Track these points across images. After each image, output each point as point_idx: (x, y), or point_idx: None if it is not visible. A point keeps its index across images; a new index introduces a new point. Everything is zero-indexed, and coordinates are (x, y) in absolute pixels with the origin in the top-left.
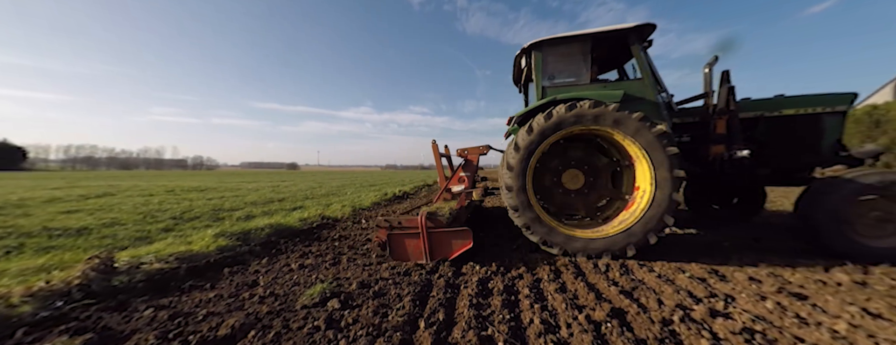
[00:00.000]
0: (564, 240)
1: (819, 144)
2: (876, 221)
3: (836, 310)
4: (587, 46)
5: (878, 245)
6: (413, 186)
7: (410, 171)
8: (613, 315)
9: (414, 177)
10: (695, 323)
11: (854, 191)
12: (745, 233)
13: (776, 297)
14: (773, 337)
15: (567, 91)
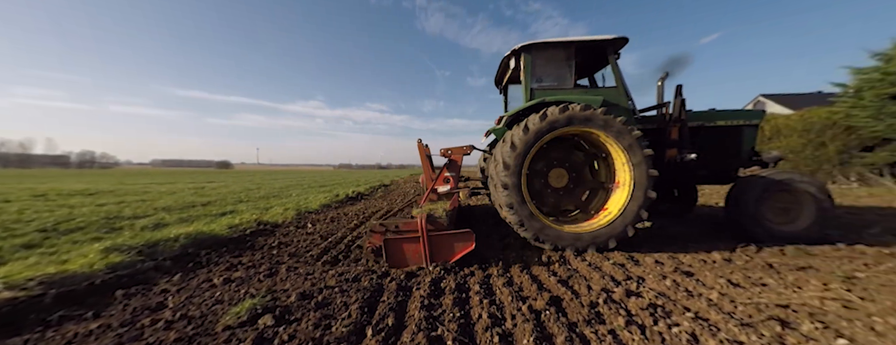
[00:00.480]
0: (556, 236)
1: (741, 150)
2: (780, 210)
3: (711, 282)
4: (571, 52)
5: (782, 229)
6: (368, 187)
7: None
8: (552, 303)
9: (370, 177)
10: (614, 303)
11: (766, 187)
12: (679, 225)
13: (673, 275)
14: (670, 309)
15: (553, 94)
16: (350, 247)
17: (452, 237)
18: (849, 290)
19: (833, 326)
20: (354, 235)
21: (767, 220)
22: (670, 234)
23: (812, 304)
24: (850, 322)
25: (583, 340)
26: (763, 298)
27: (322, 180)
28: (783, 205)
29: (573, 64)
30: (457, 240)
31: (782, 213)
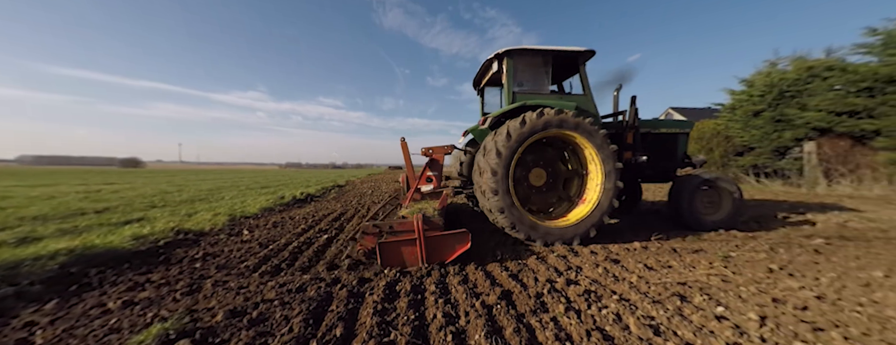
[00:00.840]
0: (545, 232)
1: (677, 154)
2: (708, 203)
3: (632, 267)
4: (548, 60)
5: (709, 219)
6: (320, 188)
7: (319, 170)
8: (503, 297)
9: (322, 177)
10: (557, 292)
11: (698, 185)
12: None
13: (604, 263)
14: (601, 293)
15: (532, 98)
16: (296, 254)
17: (448, 237)
18: (725, 267)
19: (715, 297)
20: (302, 240)
21: (699, 211)
22: (605, 227)
23: (702, 280)
24: (726, 293)
25: (529, 329)
26: (668, 278)
27: (264, 181)
28: (710, 199)
29: (549, 71)
30: (453, 240)
31: (710, 205)
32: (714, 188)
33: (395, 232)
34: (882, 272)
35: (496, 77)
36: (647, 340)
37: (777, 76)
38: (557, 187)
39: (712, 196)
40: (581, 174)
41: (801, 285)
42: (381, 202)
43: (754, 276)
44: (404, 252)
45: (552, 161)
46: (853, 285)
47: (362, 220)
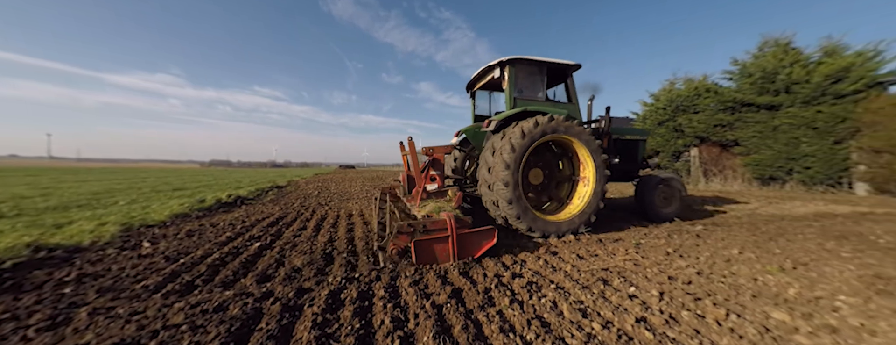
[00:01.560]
0: (544, 225)
1: (639, 157)
2: (664, 199)
3: (567, 258)
4: (544, 70)
5: (665, 212)
6: (255, 189)
7: (255, 169)
8: (453, 295)
9: (258, 177)
10: (503, 286)
11: (657, 183)
12: None
13: (545, 255)
14: (541, 284)
15: (530, 104)
16: (217, 267)
17: (477, 234)
18: (637, 252)
19: (629, 279)
20: (226, 250)
21: (657, 205)
22: None
23: (620, 265)
24: (636, 275)
25: (476, 324)
26: (595, 265)
27: (179, 181)
28: (664, 195)
29: (545, 79)
30: (480, 237)
31: (664, 200)
32: (668, 186)
33: (428, 231)
34: (737, 250)
35: (492, 82)
36: (576, 322)
37: (675, 93)
38: (551, 187)
39: (667, 193)
40: (573, 175)
41: (687, 264)
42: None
43: (656, 259)
44: (437, 249)
45: (549, 163)
46: (720, 261)
47: (306, 224)
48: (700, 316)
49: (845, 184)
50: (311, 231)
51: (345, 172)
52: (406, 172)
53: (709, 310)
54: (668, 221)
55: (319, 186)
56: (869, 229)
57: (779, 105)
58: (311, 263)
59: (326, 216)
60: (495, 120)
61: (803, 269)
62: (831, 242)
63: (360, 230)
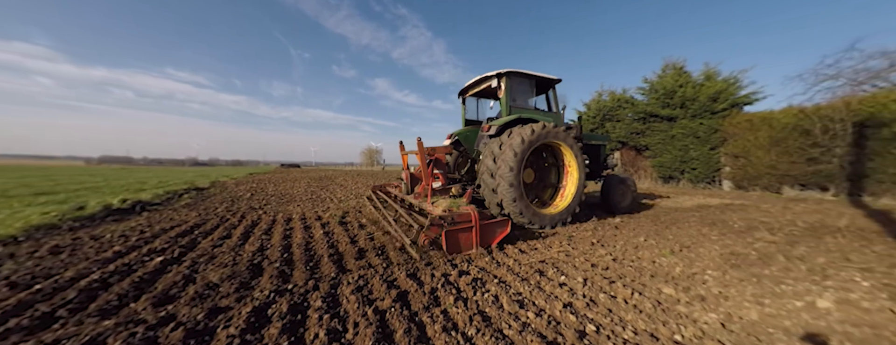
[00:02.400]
0: (541, 218)
1: (601, 159)
2: (621, 195)
3: (511, 252)
4: (533, 82)
5: (623, 205)
6: (162, 192)
7: (168, 167)
8: (398, 299)
9: (171, 177)
10: (450, 285)
11: (618, 182)
12: None
13: (495, 254)
14: (485, 279)
15: (523, 112)
16: (96, 291)
17: (495, 224)
18: (569, 244)
19: (561, 268)
20: (112, 269)
21: (617, 201)
22: None
23: (554, 257)
24: (567, 264)
25: (420, 326)
26: (534, 258)
27: (50, 183)
28: (622, 192)
29: (534, 91)
30: (497, 226)
31: (622, 196)
32: (625, 185)
33: (455, 223)
34: (643, 238)
35: (486, 90)
36: (514, 313)
37: (602, 103)
38: (541, 185)
39: (623, 190)
40: (560, 175)
41: (606, 252)
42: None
43: (583, 249)
44: (462, 239)
45: (539, 164)
46: (630, 248)
47: (232, 231)
48: (613, 297)
49: (717, 182)
50: (236, 239)
51: (287, 171)
52: (408, 170)
53: (619, 291)
54: (625, 213)
55: (253, 188)
56: (729, 217)
57: (676, 117)
58: (233, 276)
59: (259, 222)
60: (495, 125)
61: (686, 251)
62: (706, 229)
63: (300, 235)
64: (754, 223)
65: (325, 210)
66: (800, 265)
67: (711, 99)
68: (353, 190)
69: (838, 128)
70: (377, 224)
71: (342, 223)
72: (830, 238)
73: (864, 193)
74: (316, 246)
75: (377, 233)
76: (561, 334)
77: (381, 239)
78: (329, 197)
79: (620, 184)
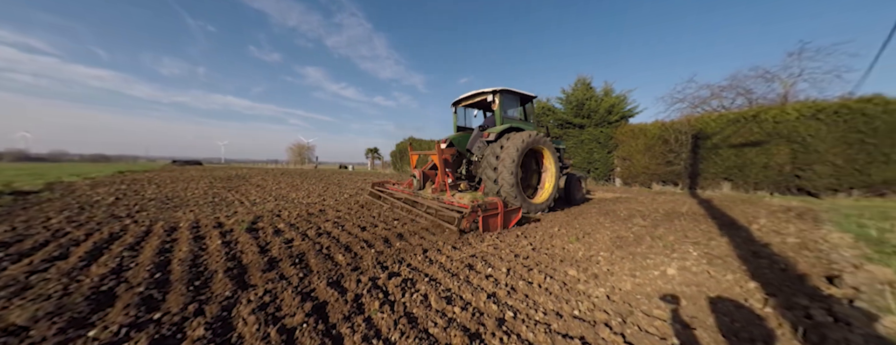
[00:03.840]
0: (530, 206)
1: (563, 160)
2: (577, 189)
3: (444, 250)
4: (518, 98)
5: (578, 198)
6: None
7: None
8: (313, 312)
9: None
10: (378, 288)
11: (577, 179)
12: None
13: (429, 252)
14: (416, 279)
15: (513, 122)
16: None
17: (512, 211)
18: (498, 238)
19: (489, 261)
20: None
21: (576, 195)
22: None
23: (484, 251)
24: (494, 257)
25: (336, 339)
26: (465, 253)
27: None
28: (578, 188)
29: (518, 104)
30: (513, 213)
31: (577, 191)
32: (581, 182)
33: (487, 210)
34: (557, 228)
35: (481, 103)
36: (441, 310)
37: None
38: (525, 181)
39: (579, 186)
40: (541, 173)
41: (528, 243)
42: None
43: (510, 242)
44: (491, 222)
45: (527, 164)
46: (546, 238)
47: (71, 249)
48: (529, 283)
49: (612, 179)
50: (76, 260)
51: (182, 169)
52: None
53: (535, 277)
54: (579, 204)
55: (121, 191)
56: (617, 208)
57: (584, 125)
58: (57, 312)
59: (122, 235)
60: (494, 132)
61: (587, 237)
62: (602, 218)
63: (186, 249)
64: (633, 212)
65: (231, 215)
66: (659, 243)
67: (607, 111)
68: (274, 191)
69: (683, 139)
70: (314, 223)
71: (251, 230)
72: (678, 221)
73: (698, 187)
74: (208, 260)
75: (310, 234)
76: (483, 325)
77: (300, 246)
78: (239, 200)
79: (578, 181)
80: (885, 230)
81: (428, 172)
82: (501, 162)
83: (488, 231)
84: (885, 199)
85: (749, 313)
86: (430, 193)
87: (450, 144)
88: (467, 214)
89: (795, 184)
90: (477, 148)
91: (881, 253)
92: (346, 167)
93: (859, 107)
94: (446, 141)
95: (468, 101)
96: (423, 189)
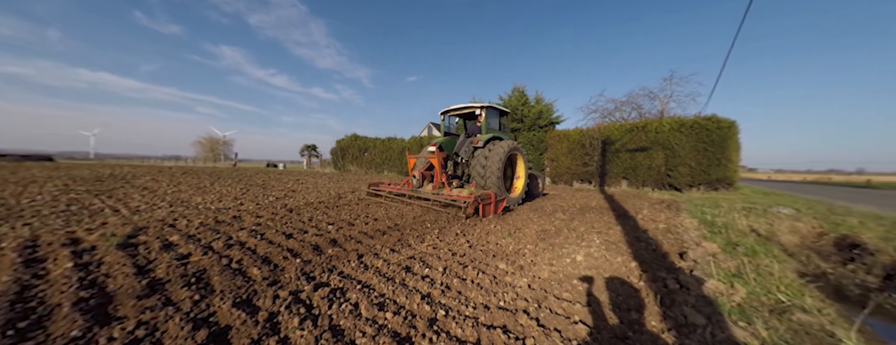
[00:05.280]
0: (510, 200)
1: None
2: (537, 186)
3: (382, 253)
4: (498, 112)
5: (537, 193)
6: None
7: None
8: (211, 339)
9: None
10: (300, 302)
11: (535, 177)
12: None
13: (364, 259)
14: (348, 288)
15: (495, 133)
16: None
17: (500, 201)
18: (438, 238)
19: (427, 262)
20: None
21: (534, 190)
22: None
23: (424, 251)
24: (433, 257)
25: None
26: (404, 254)
27: None
28: (537, 185)
29: (498, 117)
30: (500, 202)
31: (537, 188)
32: (539, 180)
33: (484, 200)
34: (493, 225)
35: (468, 114)
36: (372, 318)
37: None
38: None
39: (538, 183)
40: (514, 172)
41: (466, 241)
42: None
43: (449, 241)
44: (487, 209)
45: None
46: (483, 235)
47: None
48: (463, 279)
49: (543, 178)
50: None
51: (17, 166)
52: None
53: (469, 273)
54: (539, 197)
55: None
56: (545, 204)
57: (519, 129)
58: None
59: None
60: (482, 140)
61: (518, 232)
62: (531, 214)
63: (6, 277)
64: (557, 207)
65: (95, 229)
66: (573, 234)
67: (537, 117)
68: (169, 195)
69: (595, 144)
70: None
71: (125, 246)
72: (588, 214)
73: (606, 184)
74: (48, 292)
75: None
76: (414, 327)
77: (200, 262)
78: (112, 208)
79: (536, 179)
80: (716, 215)
81: (425, 173)
82: (490, 162)
83: (486, 215)
84: (719, 192)
85: (630, 287)
86: (430, 190)
87: (439, 147)
88: (470, 203)
89: (667, 181)
90: (464, 151)
91: (712, 232)
92: (275, 166)
93: (703, 123)
94: (436, 145)
95: (456, 112)
96: (422, 187)
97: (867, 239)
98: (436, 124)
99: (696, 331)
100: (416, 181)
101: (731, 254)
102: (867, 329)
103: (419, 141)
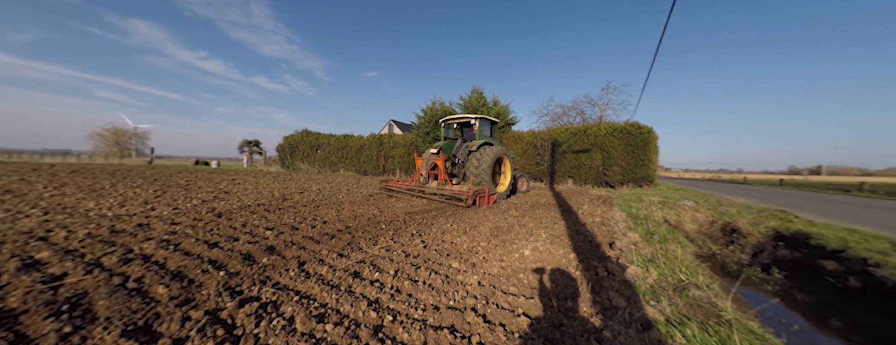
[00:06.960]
0: (498, 194)
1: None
2: (521, 184)
3: (327, 258)
4: (490, 122)
5: (522, 191)
6: None
7: None
8: None
9: None
10: (217, 323)
11: (519, 176)
12: None
13: (306, 266)
14: (282, 300)
15: (487, 139)
16: None
17: (493, 195)
18: (392, 239)
19: (378, 265)
20: None
21: (519, 188)
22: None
23: (376, 254)
24: (385, 260)
25: None
26: (353, 258)
27: None
28: (521, 183)
29: (489, 126)
30: (489, 194)
31: (521, 185)
32: (522, 179)
33: (481, 193)
34: (449, 224)
35: (465, 123)
36: (309, 332)
37: (435, 110)
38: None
39: (522, 182)
40: (501, 172)
41: (421, 241)
42: None
43: (404, 242)
44: (481, 201)
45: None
46: (438, 234)
47: None
48: (415, 281)
49: None
50: None
51: None
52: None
53: (422, 274)
54: (518, 193)
55: None
56: (500, 202)
57: None
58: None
59: None
60: (476, 144)
61: (473, 230)
62: (487, 211)
63: None
64: (510, 205)
65: None
66: (523, 230)
67: (495, 117)
68: (44, 200)
69: (546, 145)
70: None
71: None
72: (538, 210)
73: (555, 183)
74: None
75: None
76: (357, 337)
77: (81, 283)
78: None
79: (521, 178)
80: (639, 209)
81: (429, 172)
82: (482, 163)
83: (481, 206)
84: (642, 188)
85: (568, 277)
86: (434, 186)
87: (439, 150)
88: (470, 196)
89: (604, 179)
90: (461, 154)
91: (635, 224)
92: (206, 164)
93: (629, 129)
94: (437, 148)
95: (454, 120)
96: (427, 183)
97: (741, 225)
98: (397, 122)
99: (618, 312)
100: (422, 179)
101: (649, 242)
102: (739, 298)
103: (378, 139)
